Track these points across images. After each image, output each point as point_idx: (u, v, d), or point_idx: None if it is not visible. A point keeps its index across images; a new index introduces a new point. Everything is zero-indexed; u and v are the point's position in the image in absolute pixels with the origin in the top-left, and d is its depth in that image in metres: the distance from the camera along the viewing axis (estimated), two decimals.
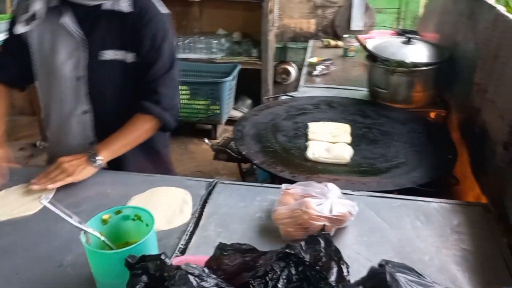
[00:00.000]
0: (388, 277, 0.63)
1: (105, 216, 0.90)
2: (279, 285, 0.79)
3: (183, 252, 0.97)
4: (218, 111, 3.48)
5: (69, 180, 1.18)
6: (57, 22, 1.27)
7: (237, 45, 3.82)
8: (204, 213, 1.10)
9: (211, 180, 1.24)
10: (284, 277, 0.80)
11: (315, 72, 2.39)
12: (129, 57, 1.31)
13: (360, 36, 2.27)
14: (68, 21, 1.26)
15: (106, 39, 1.29)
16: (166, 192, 1.18)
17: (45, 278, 0.90)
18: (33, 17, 1.27)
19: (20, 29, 1.27)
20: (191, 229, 1.05)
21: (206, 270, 0.80)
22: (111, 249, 0.86)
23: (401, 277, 0.63)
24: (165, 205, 1.12)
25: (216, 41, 3.78)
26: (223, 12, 3.89)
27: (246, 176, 2.08)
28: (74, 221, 0.83)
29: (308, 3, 3.88)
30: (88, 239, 0.84)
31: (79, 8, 1.27)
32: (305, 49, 3.88)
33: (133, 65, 1.32)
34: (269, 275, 0.80)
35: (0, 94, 1.37)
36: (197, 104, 3.46)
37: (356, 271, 0.76)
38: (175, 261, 0.84)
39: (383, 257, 0.95)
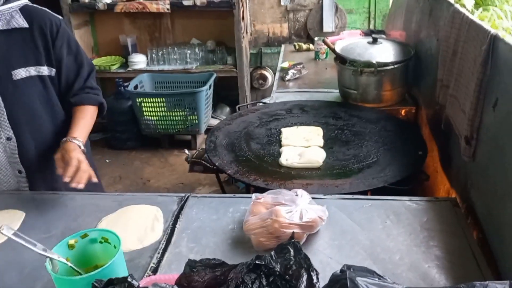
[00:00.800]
0: (348, 283, 0.64)
1: (72, 241, 0.89)
2: None
3: (155, 271, 0.96)
4: (196, 121, 3.47)
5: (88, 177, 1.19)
6: None
7: (211, 54, 3.82)
8: (176, 229, 1.10)
9: (182, 194, 1.24)
10: None
11: (288, 77, 2.40)
12: (45, 70, 1.30)
13: (330, 39, 2.29)
14: None
15: (13, 59, 1.26)
16: (137, 211, 1.17)
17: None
18: None
19: None
20: (163, 246, 1.04)
21: None
22: (80, 274, 0.85)
23: (361, 281, 0.64)
24: (136, 224, 1.11)
25: (190, 51, 3.78)
26: (195, 21, 3.89)
27: (227, 185, 2.08)
28: (38, 249, 0.82)
29: (279, 7, 3.91)
30: (55, 266, 0.83)
31: None
32: (278, 53, 3.91)
33: (50, 78, 1.32)
34: (241, 287, 0.80)
35: None
36: (174, 116, 3.45)
37: (328, 276, 0.76)
38: (143, 282, 0.83)
39: (354, 259, 0.97)
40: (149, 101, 3.40)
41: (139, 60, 3.72)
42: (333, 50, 2.01)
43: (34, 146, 1.31)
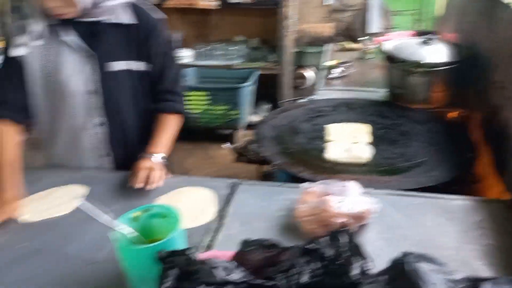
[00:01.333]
0: (409, 267, 0.65)
1: (135, 214, 0.94)
2: (302, 280, 0.81)
3: (208, 248, 1.00)
4: (237, 116, 3.52)
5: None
6: (59, 40, 1.30)
7: (255, 51, 3.87)
8: (228, 212, 1.13)
9: (234, 180, 1.28)
10: (307, 271, 0.82)
11: (333, 75, 2.41)
12: (137, 66, 1.36)
13: (378, 38, 2.28)
14: (71, 38, 1.29)
15: (113, 51, 1.33)
16: (191, 192, 1.22)
17: (77, 276, 0.95)
18: (33, 38, 1.28)
19: (17, 51, 1.28)
20: (216, 227, 1.08)
21: (232, 264, 0.83)
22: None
23: (421, 266, 0.65)
24: (190, 204, 1.15)
25: (234, 48, 3.83)
26: (240, 19, 3.95)
27: (265, 179, 2.12)
28: (107, 219, 0.88)
29: (324, 7, 3.91)
30: (119, 236, 0.88)
31: (81, 24, 1.29)
32: (320, 53, 3.91)
33: (142, 73, 1.38)
34: (292, 269, 0.83)
35: (7, 136, 1.28)
36: (216, 110, 3.52)
37: (379, 267, 0.78)
38: (201, 256, 0.87)
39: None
40: (194, 94, 3.48)
41: (185, 55, 3.81)
42: (383, 50, 2.00)
43: (120, 133, 1.39)
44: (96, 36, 1.31)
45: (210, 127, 3.64)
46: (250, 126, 3.80)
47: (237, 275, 0.80)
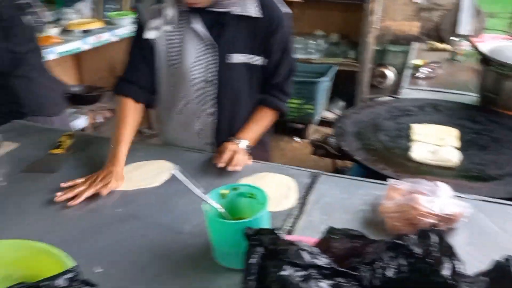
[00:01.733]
0: None
1: (224, 191, 0.97)
2: (387, 274, 0.80)
3: (289, 233, 1.02)
4: (311, 111, 3.51)
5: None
6: (186, 27, 1.32)
7: (334, 46, 3.82)
8: (308, 200, 1.14)
9: (315, 171, 1.28)
10: (393, 267, 0.81)
11: (419, 75, 2.32)
12: (256, 60, 1.36)
13: (472, 39, 2.16)
14: (198, 25, 1.30)
15: (234, 43, 1.33)
16: (272, 177, 1.24)
17: (166, 243, 1.00)
18: (164, 22, 1.31)
19: (151, 34, 1.32)
20: (297, 213, 1.09)
21: (317, 249, 0.84)
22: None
23: None
24: (272, 189, 1.17)
25: (313, 42, 3.81)
26: (322, 13, 3.91)
27: (339, 174, 2.09)
28: (199, 192, 0.92)
29: (413, 5, 3.75)
30: (208, 210, 0.92)
31: (208, 13, 1.30)
32: (404, 52, 3.76)
33: (258, 67, 1.37)
34: (378, 263, 0.82)
35: (129, 113, 1.35)
36: (291, 103, 3.51)
37: (469, 271, 0.75)
38: (287, 238, 0.89)
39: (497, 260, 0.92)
40: None
41: None
42: (479, 51, 1.89)
43: (228, 123, 1.43)
44: (221, 27, 1.30)
45: (283, 120, 3.64)
46: (323, 122, 3.77)
47: (321, 261, 0.81)
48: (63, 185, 1.20)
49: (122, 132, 1.30)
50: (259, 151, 1.53)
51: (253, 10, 1.29)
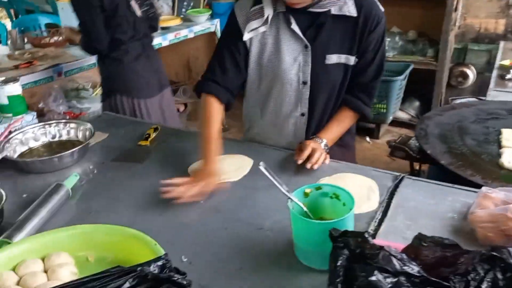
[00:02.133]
0: None
1: (307, 190, 0.97)
2: (482, 287, 0.76)
3: (373, 237, 0.99)
4: (384, 111, 3.40)
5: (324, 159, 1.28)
6: (282, 28, 1.30)
7: (411, 44, 3.66)
8: (391, 204, 1.11)
9: (397, 173, 1.24)
10: (488, 280, 0.76)
11: (509, 76, 2.16)
12: (348, 60, 1.32)
13: None
14: (295, 26, 1.28)
15: (330, 44, 1.29)
16: (352, 178, 1.22)
17: (248, 237, 1.02)
18: (261, 23, 1.29)
19: (248, 35, 1.31)
20: (379, 217, 1.06)
21: (406, 256, 0.81)
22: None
23: None
24: (353, 190, 1.14)
25: (389, 39, 3.68)
26: (398, 10, 3.76)
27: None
28: (284, 189, 0.93)
29: (499, 1, 3.50)
30: (295, 207, 0.93)
31: (304, 14, 1.27)
32: (487, 51, 3.52)
33: (350, 67, 1.33)
34: (471, 275, 0.78)
35: (216, 112, 1.35)
36: None
37: None
38: (375, 242, 0.87)
39: None
40: None
41: None
42: None
43: (318, 123, 1.42)
44: (317, 27, 1.28)
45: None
46: (396, 122, 3.64)
47: (412, 268, 0.78)
48: (164, 182, 1.18)
49: (211, 130, 1.31)
50: (344, 152, 1.50)
51: (351, 9, 1.26)
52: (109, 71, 2.20)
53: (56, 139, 1.50)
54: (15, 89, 1.44)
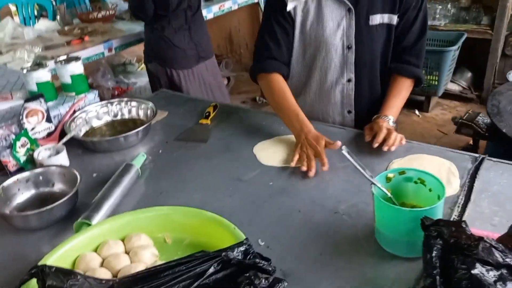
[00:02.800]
0: None
1: (390, 175, 0.93)
2: None
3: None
4: (435, 83, 3.26)
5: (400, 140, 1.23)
6: None
7: (464, 12, 3.46)
8: (474, 188, 1.05)
9: (476, 155, 1.17)
10: None
11: None
12: (391, 19, 1.30)
13: None
14: None
15: (373, 4, 1.29)
16: (429, 160, 1.16)
17: (325, 221, 1.00)
18: None
19: (291, 5, 1.32)
20: (462, 201, 1.01)
21: (502, 247, 0.76)
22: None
23: None
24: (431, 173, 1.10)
25: (440, 7, 3.49)
26: None
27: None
28: (367, 173, 0.89)
29: None
30: (379, 192, 0.89)
31: None
32: None
33: (393, 27, 1.31)
34: None
35: (285, 86, 1.37)
36: None
37: None
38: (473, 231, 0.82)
39: None
40: None
41: None
42: None
43: (367, 89, 1.39)
44: None
45: None
46: (447, 94, 3.49)
47: None
48: (292, 165, 1.19)
49: (292, 101, 1.32)
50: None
51: None
52: (149, 39, 2.40)
53: (118, 117, 1.50)
54: (77, 67, 1.44)
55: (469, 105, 3.45)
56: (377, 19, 1.30)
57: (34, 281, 0.79)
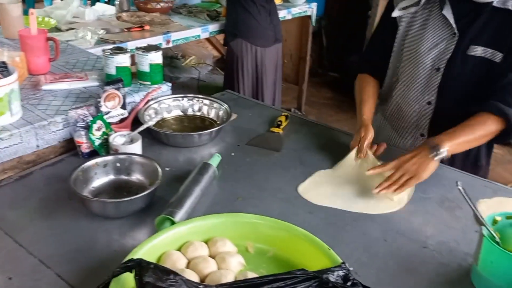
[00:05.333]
0: None
1: (498, 218, 0.89)
2: None
3: None
4: None
5: (413, 182, 1.11)
6: (433, 12, 1.29)
7: None
8: None
9: None
10: None
11: None
12: (493, 55, 1.24)
13: None
14: (449, 12, 1.25)
15: (480, 35, 1.24)
16: None
17: (413, 255, 0.96)
18: (411, 2, 1.30)
19: (397, 13, 1.32)
20: None
21: None
22: None
23: None
24: None
25: None
26: None
27: None
28: (480, 213, 0.85)
29: None
30: (488, 235, 0.84)
31: (463, 1, 1.24)
32: None
33: (493, 64, 1.24)
34: None
35: (373, 85, 1.44)
36: None
37: None
38: None
39: None
40: None
41: None
42: None
43: (447, 117, 1.27)
44: (472, 17, 1.24)
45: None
46: None
47: None
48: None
49: (369, 99, 1.38)
50: (469, 163, 1.40)
51: None
52: (235, 15, 2.68)
53: (188, 113, 1.48)
54: (157, 57, 1.42)
55: None
56: (478, 51, 1.25)
57: (125, 274, 0.76)
